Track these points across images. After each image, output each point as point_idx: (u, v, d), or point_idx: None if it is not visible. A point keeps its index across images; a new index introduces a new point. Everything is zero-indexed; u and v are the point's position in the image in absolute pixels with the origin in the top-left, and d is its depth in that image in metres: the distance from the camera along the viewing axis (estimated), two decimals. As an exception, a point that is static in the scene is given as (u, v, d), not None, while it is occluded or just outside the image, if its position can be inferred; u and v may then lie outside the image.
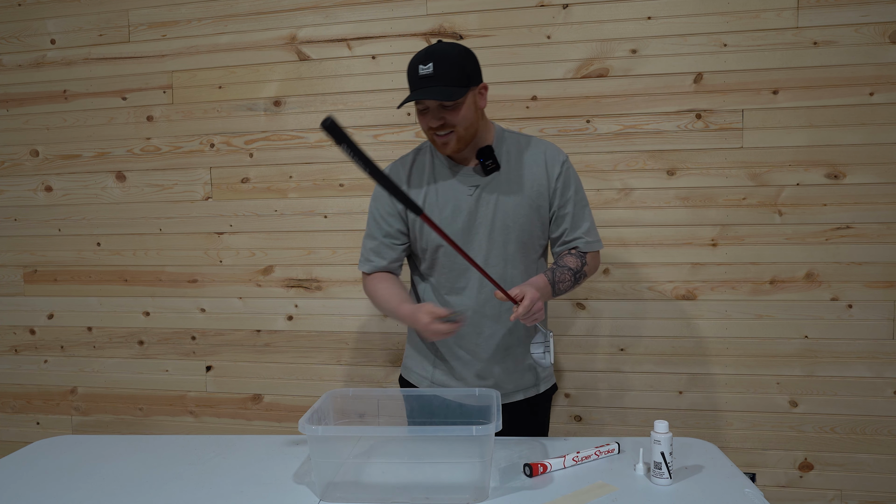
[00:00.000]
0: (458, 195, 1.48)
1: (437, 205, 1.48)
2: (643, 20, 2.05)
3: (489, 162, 1.45)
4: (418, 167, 1.53)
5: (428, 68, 1.34)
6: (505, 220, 1.47)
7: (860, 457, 2.05)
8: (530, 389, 1.59)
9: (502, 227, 1.47)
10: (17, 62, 2.46)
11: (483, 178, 1.47)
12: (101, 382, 2.51)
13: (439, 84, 1.34)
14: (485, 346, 1.52)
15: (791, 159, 2.02)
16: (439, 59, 1.35)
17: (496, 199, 1.47)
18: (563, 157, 1.51)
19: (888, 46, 1.94)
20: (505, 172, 1.48)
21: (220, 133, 2.34)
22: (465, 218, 1.47)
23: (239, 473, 1.34)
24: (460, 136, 1.41)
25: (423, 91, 1.36)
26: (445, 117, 1.38)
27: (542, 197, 1.48)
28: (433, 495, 1.20)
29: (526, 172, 1.48)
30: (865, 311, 2.02)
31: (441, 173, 1.50)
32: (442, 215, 1.47)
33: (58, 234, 2.49)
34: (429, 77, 1.34)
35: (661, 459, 1.22)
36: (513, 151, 1.50)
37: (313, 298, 2.33)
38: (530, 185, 1.48)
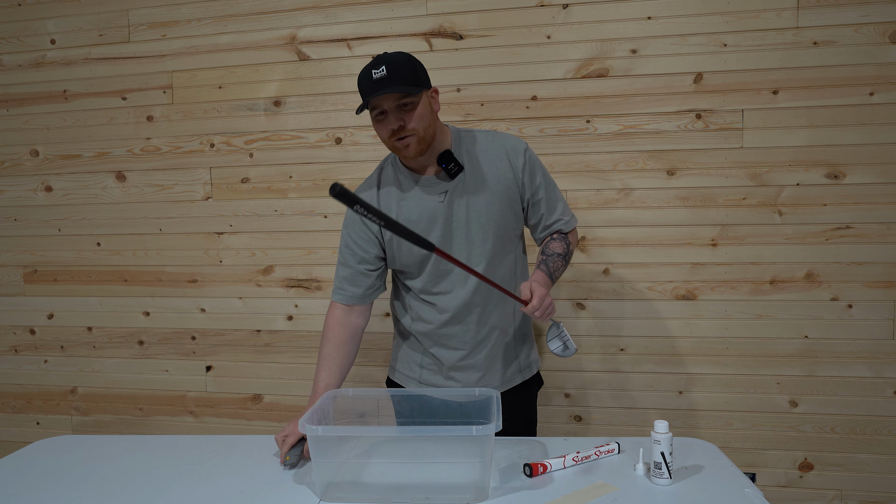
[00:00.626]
0: (430, 204, 1.47)
1: (411, 221, 1.48)
2: (643, 20, 2.05)
3: (451, 165, 1.45)
4: (385, 184, 1.52)
5: (381, 71, 1.35)
6: (479, 219, 1.48)
7: (860, 457, 2.05)
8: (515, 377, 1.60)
9: (478, 227, 1.48)
10: (17, 62, 2.46)
11: (449, 182, 1.47)
12: (101, 382, 2.51)
13: (394, 84, 1.35)
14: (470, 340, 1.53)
15: (791, 159, 2.02)
16: (390, 63, 1.36)
17: (467, 200, 1.47)
18: (522, 145, 1.52)
19: (888, 46, 1.94)
20: (469, 172, 1.48)
21: (220, 133, 2.34)
22: (441, 225, 1.47)
23: (239, 473, 1.34)
24: (420, 137, 1.40)
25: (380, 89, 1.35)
26: (404, 118, 1.38)
27: (511, 190, 1.50)
28: (433, 495, 1.20)
29: (490, 168, 1.49)
30: (865, 311, 2.02)
31: (408, 186, 1.50)
32: (418, 228, 1.47)
33: (58, 234, 2.49)
34: (384, 79, 1.34)
35: (661, 459, 1.22)
36: (473, 150, 1.51)
37: (313, 298, 2.33)
38: (497, 180, 1.48)
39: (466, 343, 1.53)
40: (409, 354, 1.61)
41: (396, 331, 1.66)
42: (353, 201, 1.13)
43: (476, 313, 1.52)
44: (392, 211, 1.49)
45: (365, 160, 2.25)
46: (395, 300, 1.63)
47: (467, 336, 1.53)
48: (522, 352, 1.62)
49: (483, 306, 1.52)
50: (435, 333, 1.54)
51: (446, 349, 1.55)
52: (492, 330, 1.54)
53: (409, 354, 1.61)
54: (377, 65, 1.36)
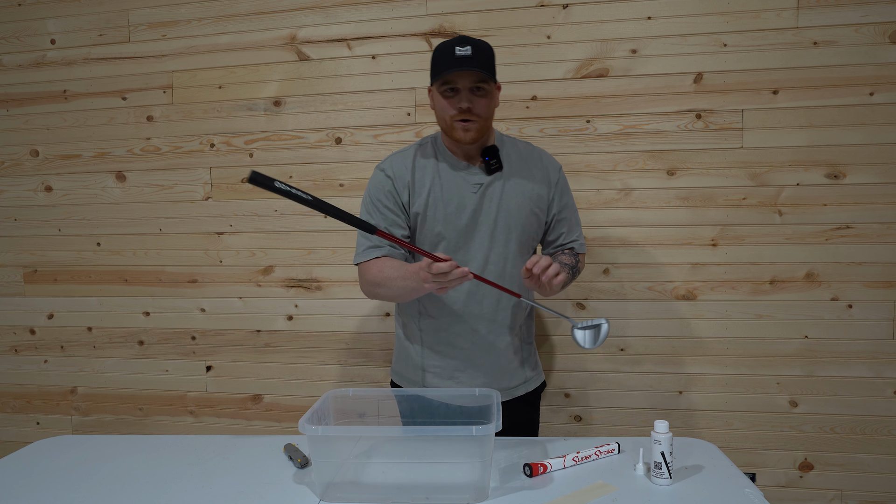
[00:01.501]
0: (463, 191, 1.49)
1: (441, 199, 1.49)
2: (643, 20, 2.05)
3: (493, 161, 1.48)
4: (421, 160, 1.53)
5: (466, 50, 1.36)
6: (507, 220, 1.49)
7: (860, 457, 2.05)
8: (519, 388, 1.60)
9: (504, 227, 1.49)
10: (17, 62, 2.46)
11: (486, 176, 1.49)
12: (101, 382, 2.51)
13: (478, 66, 1.37)
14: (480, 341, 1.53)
15: (791, 159, 2.02)
16: (475, 44, 1.39)
17: (499, 199, 1.49)
18: (558, 164, 1.60)
19: (888, 46, 1.94)
20: (507, 174, 1.51)
21: (220, 133, 2.34)
22: (469, 214, 1.48)
23: (239, 473, 1.34)
24: (480, 126, 1.43)
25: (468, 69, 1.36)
26: (474, 102, 1.40)
27: (542, 201, 1.54)
28: (433, 495, 1.20)
29: (527, 175, 1.52)
30: (865, 311, 2.02)
31: (445, 169, 1.51)
32: (447, 210, 1.48)
33: (58, 234, 2.49)
34: (468, 58, 1.36)
35: (661, 459, 1.22)
36: (513, 155, 1.54)
37: (313, 298, 2.33)
38: (531, 189, 1.52)
39: (474, 344, 1.53)
40: (412, 358, 1.61)
41: (400, 332, 1.65)
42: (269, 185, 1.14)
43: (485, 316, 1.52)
44: (426, 187, 1.49)
45: (365, 160, 2.25)
46: None
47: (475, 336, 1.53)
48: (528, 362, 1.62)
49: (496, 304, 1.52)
50: (442, 330, 1.54)
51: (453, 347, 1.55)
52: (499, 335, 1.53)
53: (412, 358, 1.61)
54: (462, 43, 1.38)
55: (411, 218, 1.51)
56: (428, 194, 1.49)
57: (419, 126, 2.20)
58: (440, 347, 1.55)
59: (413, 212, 1.51)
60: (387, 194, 1.51)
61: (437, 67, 1.41)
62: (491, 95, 1.43)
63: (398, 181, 1.50)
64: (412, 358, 1.61)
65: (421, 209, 1.49)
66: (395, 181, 1.50)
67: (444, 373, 1.56)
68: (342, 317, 2.32)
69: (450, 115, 1.42)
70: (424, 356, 1.58)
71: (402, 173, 1.51)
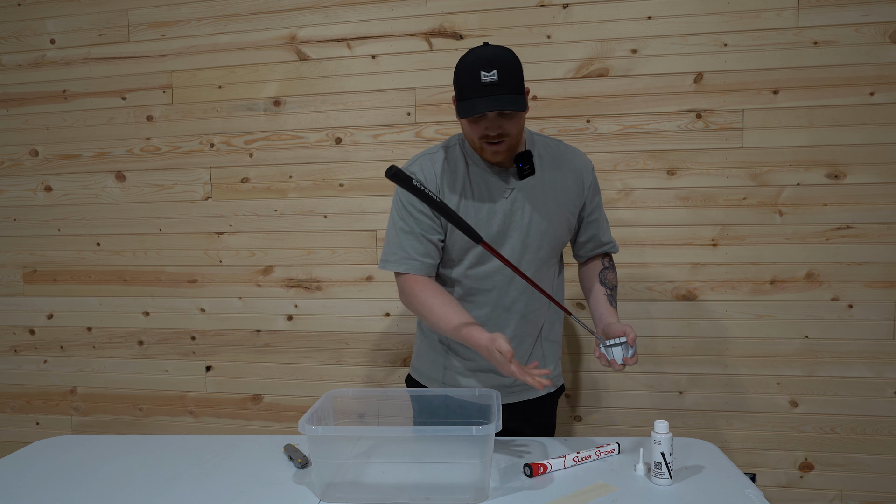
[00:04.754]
0: (494, 197, 1.44)
1: (472, 205, 1.44)
2: (643, 20, 2.05)
3: (527, 167, 1.42)
4: (451, 165, 1.46)
5: (492, 75, 1.28)
6: (540, 226, 1.45)
7: (861, 457, 2.05)
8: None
9: (538, 233, 1.45)
10: (16, 62, 2.46)
11: (518, 181, 1.44)
12: (101, 382, 2.51)
13: (505, 92, 1.29)
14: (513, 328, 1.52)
15: (791, 159, 2.02)
16: (501, 66, 1.29)
17: (532, 204, 1.45)
18: (590, 164, 1.55)
19: (889, 46, 1.94)
20: (539, 178, 1.46)
21: (220, 133, 2.34)
22: (500, 220, 1.44)
23: (239, 473, 1.33)
24: (512, 144, 1.37)
25: (494, 99, 1.28)
26: (503, 125, 1.33)
27: (573, 204, 1.50)
28: (433, 495, 1.19)
29: (560, 179, 1.48)
30: (866, 312, 2.02)
31: (476, 174, 1.45)
32: (478, 217, 1.44)
33: (57, 234, 2.49)
34: (494, 85, 1.28)
35: (661, 459, 1.22)
36: (545, 157, 1.48)
37: (313, 298, 2.33)
38: (565, 192, 1.48)
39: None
40: (432, 355, 1.59)
41: (420, 328, 1.64)
42: (409, 183, 1.17)
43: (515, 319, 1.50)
44: (456, 192, 1.43)
45: (365, 160, 2.25)
46: None
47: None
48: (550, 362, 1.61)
49: (523, 315, 1.50)
50: None
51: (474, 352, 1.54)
52: (526, 337, 1.53)
53: (432, 355, 1.59)
54: (488, 67, 1.28)
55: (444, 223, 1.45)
56: (459, 199, 1.44)
57: (419, 126, 2.20)
58: (462, 349, 1.54)
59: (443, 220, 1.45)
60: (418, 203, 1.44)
61: (462, 92, 1.32)
62: (521, 114, 1.35)
63: (429, 185, 1.44)
64: (433, 356, 1.59)
65: None
66: (426, 185, 1.43)
67: (465, 371, 1.55)
68: (342, 317, 2.32)
69: (477, 137, 1.36)
70: (447, 355, 1.57)
71: (431, 177, 1.44)
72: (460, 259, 1.47)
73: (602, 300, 1.52)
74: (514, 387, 1.55)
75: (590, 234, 1.57)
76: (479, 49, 1.34)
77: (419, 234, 1.43)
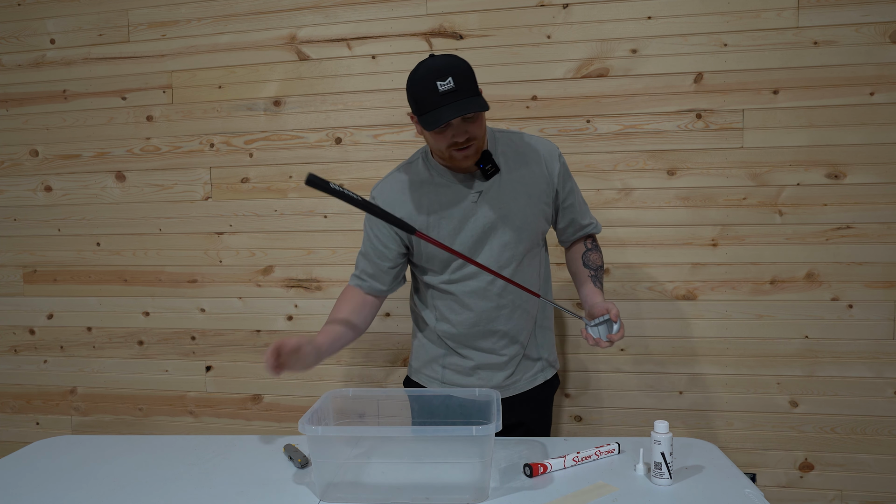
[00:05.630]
0: (463, 204, 1.45)
1: (443, 218, 1.45)
2: (643, 20, 2.05)
3: (489, 167, 1.43)
4: (414, 180, 1.48)
5: (448, 83, 1.28)
6: (513, 222, 1.46)
7: (861, 457, 2.05)
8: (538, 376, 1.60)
9: (511, 229, 1.46)
10: (16, 62, 2.46)
11: (484, 182, 1.45)
12: (101, 382, 2.51)
13: (463, 96, 1.29)
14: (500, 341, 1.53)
15: (791, 159, 2.02)
16: (454, 72, 1.29)
17: (501, 203, 1.45)
18: (557, 150, 1.53)
19: (889, 46, 1.94)
20: (505, 174, 1.46)
21: (220, 133, 2.34)
22: (472, 227, 1.45)
23: (239, 473, 1.33)
24: (478, 147, 1.38)
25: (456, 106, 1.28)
26: (469, 129, 1.33)
27: (544, 193, 1.49)
28: (433, 495, 1.19)
29: (525, 171, 1.48)
30: (866, 312, 2.02)
31: (441, 184, 1.46)
32: (450, 226, 1.45)
33: (57, 234, 2.49)
34: (452, 92, 1.28)
35: (661, 459, 1.22)
36: (509, 152, 1.49)
37: (313, 298, 2.33)
38: (534, 184, 1.48)
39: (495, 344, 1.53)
40: (430, 354, 1.60)
41: (416, 329, 1.65)
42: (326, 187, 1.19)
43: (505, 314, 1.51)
44: (423, 207, 1.46)
45: (364, 160, 2.25)
46: (416, 296, 1.62)
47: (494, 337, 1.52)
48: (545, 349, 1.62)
49: (511, 308, 1.51)
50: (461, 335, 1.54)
51: (474, 350, 1.55)
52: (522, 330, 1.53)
53: (430, 354, 1.60)
54: (441, 75, 1.28)
55: (414, 240, 1.48)
56: (427, 214, 1.45)
57: (419, 126, 2.20)
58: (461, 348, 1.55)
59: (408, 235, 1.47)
60: (380, 225, 1.49)
61: (421, 105, 1.32)
62: (483, 115, 1.37)
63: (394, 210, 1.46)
64: (432, 355, 1.60)
65: (423, 228, 1.46)
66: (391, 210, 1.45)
67: (465, 370, 1.56)
68: (342, 317, 2.31)
69: (445, 146, 1.36)
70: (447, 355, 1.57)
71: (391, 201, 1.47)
72: (444, 268, 1.49)
73: (587, 282, 1.53)
74: (507, 382, 1.56)
75: (568, 220, 1.57)
76: (427, 61, 1.34)
77: (371, 258, 1.52)
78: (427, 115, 1.31)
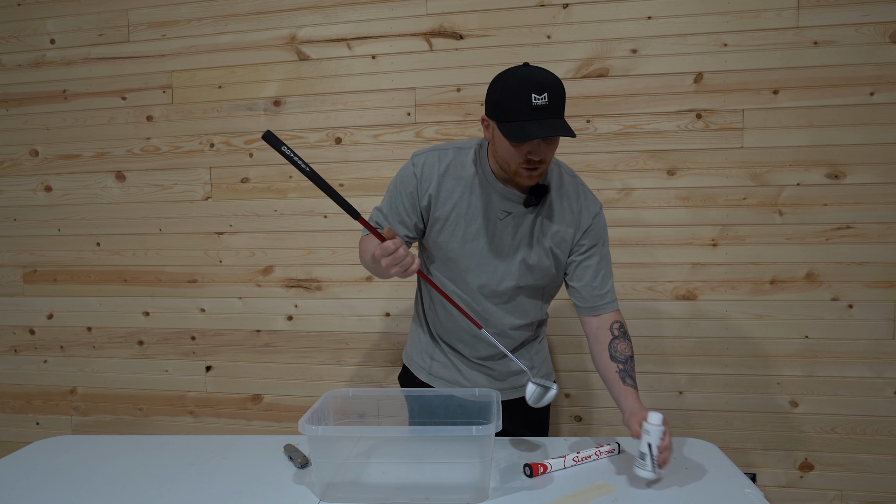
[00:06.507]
0: (489, 215, 1.41)
1: (464, 216, 1.41)
2: (643, 20, 2.05)
3: (536, 199, 1.38)
4: (457, 167, 1.42)
5: (543, 98, 1.23)
6: (526, 257, 1.42)
7: (861, 457, 2.05)
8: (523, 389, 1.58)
9: (521, 263, 1.42)
10: (16, 62, 2.46)
11: (520, 207, 1.40)
12: (101, 382, 2.51)
13: (553, 116, 1.25)
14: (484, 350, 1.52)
15: (791, 159, 2.02)
16: (551, 89, 1.24)
17: (524, 233, 1.41)
18: (596, 208, 1.45)
19: (889, 46, 1.94)
20: (540, 209, 1.42)
21: (220, 133, 2.34)
22: (487, 240, 1.42)
23: (239, 474, 1.33)
24: (544, 170, 1.34)
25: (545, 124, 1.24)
26: (546, 150, 1.29)
27: (564, 244, 1.43)
28: (433, 495, 1.19)
29: (558, 214, 1.42)
30: (866, 311, 2.02)
31: (480, 186, 1.41)
32: (466, 229, 1.42)
33: (57, 234, 2.49)
34: (544, 108, 1.24)
35: (647, 451, 1.21)
36: (555, 189, 1.43)
37: (313, 298, 2.33)
38: (557, 228, 1.42)
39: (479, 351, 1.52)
40: (422, 344, 1.62)
41: (415, 313, 1.65)
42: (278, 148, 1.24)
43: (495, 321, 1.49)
44: (453, 198, 1.41)
45: (365, 160, 2.25)
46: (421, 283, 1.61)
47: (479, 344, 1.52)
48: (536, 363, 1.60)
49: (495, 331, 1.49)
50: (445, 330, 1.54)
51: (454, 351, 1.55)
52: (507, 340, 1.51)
53: (422, 344, 1.62)
54: (539, 89, 1.23)
55: (430, 222, 1.44)
56: (454, 206, 1.41)
57: (419, 126, 2.20)
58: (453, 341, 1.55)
59: (434, 216, 1.44)
60: (408, 195, 1.43)
61: (508, 114, 1.26)
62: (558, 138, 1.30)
63: (423, 183, 1.42)
64: (422, 345, 1.61)
65: (443, 216, 1.42)
66: (421, 182, 1.42)
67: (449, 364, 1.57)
68: (342, 317, 2.32)
69: (516, 162, 1.31)
70: (434, 347, 1.59)
71: (429, 176, 1.42)
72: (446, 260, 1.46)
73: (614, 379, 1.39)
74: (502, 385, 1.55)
75: (581, 280, 1.45)
76: (522, 69, 1.29)
77: (389, 217, 1.47)
78: (513, 125, 1.26)
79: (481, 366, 1.55)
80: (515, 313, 1.49)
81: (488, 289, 1.45)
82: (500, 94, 1.27)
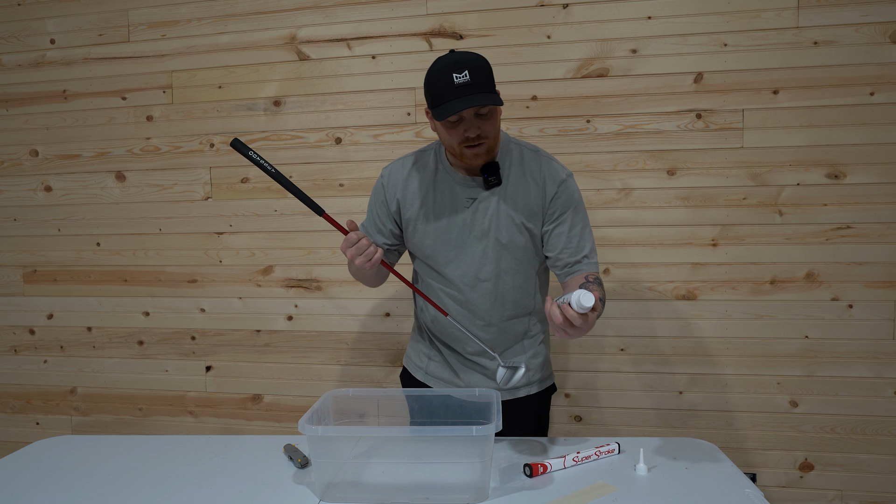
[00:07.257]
0: (456, 206, 1.45)
1: (432, 212, 1.46)
2: (643, 20, 2.05)
3: (492, 178, 1.42)
4: (418, 171, 1.50)
5: (464, 76, 1.28)
6: (497, 236, 1.44)
7: (861, 457, 2.05)
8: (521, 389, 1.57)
9: (495, 243, 1.44)
10: (16, 62, 2.46)
11: (483, 191, 1.44)
12: (101, 382, 2.51)
13: (479, 91, 1.30)
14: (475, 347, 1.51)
15: (791, 159, 2.02)
16: (472, 66, 1.30)
17: (492, 215, 1.44)
18: (562, 175, 1.44)
19: (889, 46, 1.94)
20: (503, 188, 1.44)
21: (220, 133, 2.34)
22: (458, 229, 1.45)
23: (239, 474, 1.33)
24: (490, 146, 1.37)
25: (470, 98, 1.28)
26: (482, 126, 1.33)
27: (534, 216, 1.44)
28: (433, 495, 1.19)
29: (524, 190, 1.44)
30: (866, 311, 2.02)
31: (442, 181, 1.47)
32: (437, 224, 1.46)
33: (57, 234, 2.49)
34: (468, 85, 1.28)
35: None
36: (515, 165, 1.46)
37: (313, 298, 2.33)
38: (524, 203, 1.43)
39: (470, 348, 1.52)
40: (419, 343, 1.64)
41: (414, 314, 1.68)
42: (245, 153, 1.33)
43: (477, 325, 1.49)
44: (418, 199, 1.48)
45: (365, 160, 2.25)
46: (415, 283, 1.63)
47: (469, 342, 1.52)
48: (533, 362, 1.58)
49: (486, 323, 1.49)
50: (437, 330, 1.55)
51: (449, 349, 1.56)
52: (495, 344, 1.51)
53: (419, 343, 1.64)
54: (458, 68, 1.29)
55: (403, 225, 1.51)
56: (421, 204, 1.47)
57: (419, 126, 2.20)
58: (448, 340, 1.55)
59: (405, 218, 1.50)
60: (380, 203, 1.53)
61: (436, 98, 1.32)
62: (496, 113, 1.37)
63: (389, 190, 1.51)
64: (419, 346, 1.63)
65: (413, 217, 1.48)
66: (387, 190, 1.51)
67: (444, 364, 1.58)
68: (342, 317, 2.32)
69: (457, 142, 1.35)
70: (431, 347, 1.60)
71: (395, 182, 1.50)
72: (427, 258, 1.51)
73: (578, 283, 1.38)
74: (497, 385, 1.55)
75: (556, 249, 1.44)
76: (447, 56, 1.35)
77: (370, 230, 1.57)
78: (440, 106, 1.31)
79: (477, 364, 1.55)
80: (504, 303, 1.49)
81: (470, 277, 1.46)
82: (428, 82, 1.35)
